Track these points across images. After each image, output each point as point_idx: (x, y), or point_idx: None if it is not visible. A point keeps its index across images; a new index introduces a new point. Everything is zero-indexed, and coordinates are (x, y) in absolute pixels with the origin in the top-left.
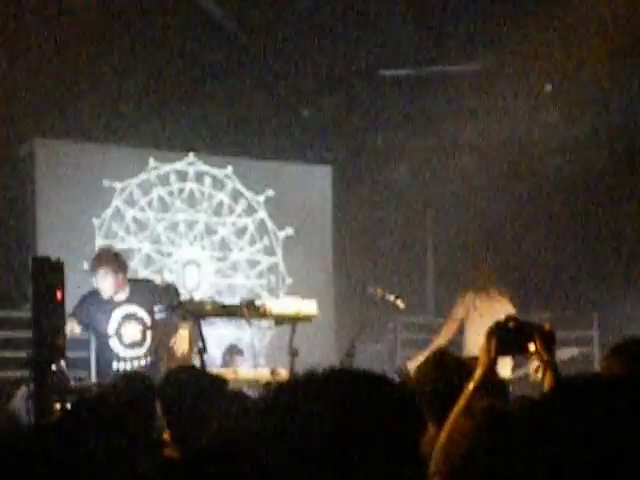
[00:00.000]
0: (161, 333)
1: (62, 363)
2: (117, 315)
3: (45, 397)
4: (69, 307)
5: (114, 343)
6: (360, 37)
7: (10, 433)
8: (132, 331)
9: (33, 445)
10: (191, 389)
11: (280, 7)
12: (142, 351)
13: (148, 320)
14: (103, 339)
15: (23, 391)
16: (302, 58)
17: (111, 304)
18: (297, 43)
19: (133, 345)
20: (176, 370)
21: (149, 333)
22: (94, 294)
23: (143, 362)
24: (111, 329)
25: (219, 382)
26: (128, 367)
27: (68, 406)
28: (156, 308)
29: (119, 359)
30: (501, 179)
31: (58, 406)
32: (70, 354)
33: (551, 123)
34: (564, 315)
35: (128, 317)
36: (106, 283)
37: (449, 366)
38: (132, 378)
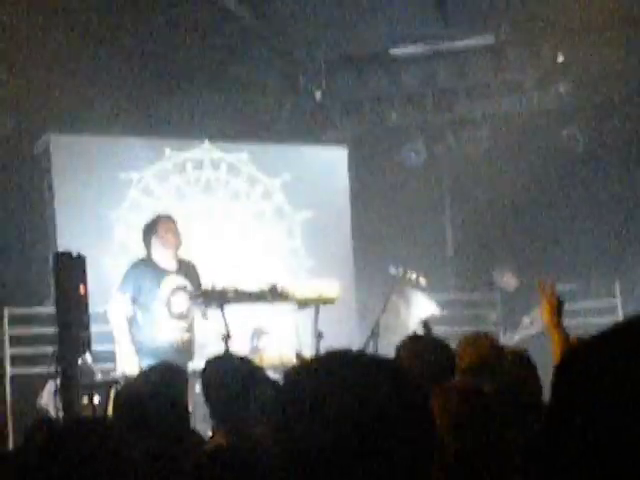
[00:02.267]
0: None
1: (88, 357)
2: (168, 284)
3: (72, 392)
4: (91, 301)
5: (161, 311)
6: (370, 16)
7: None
8: (180, 302)
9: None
10: (233, 376)
11: None
12: (186, 324)
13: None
14: (149, 306)
15: (50, 387)
16: (312, 40)
17: (161, 272)
18: (307, 25)
19: (180, 316)
20: (216, 357)
21: (192, 308)
22: (142, 262)
23: (186, 335)
24: (162, 296)
25: (257, 368)
26: (171, 337)
27: (95, 399)
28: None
29: (163, 329)
30: (517, 151)
31: (86, 400)
32: (97, 347)
33: (564, 94)
34: (587, 285)
35: (178, 288)
36: (169, 237)
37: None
38: (161, 370)
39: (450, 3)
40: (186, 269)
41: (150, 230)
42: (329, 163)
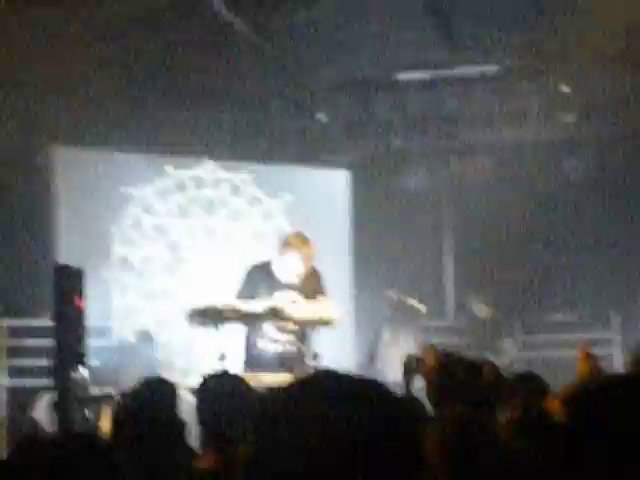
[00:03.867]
0: None
1: (83, 371)
2: (279, 298)
3: (66, 405)
4: (89, 315)
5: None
6: (376, 41)
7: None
8: None
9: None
10: (228, 394)
11: (296, 12)
12: (290, 337)
13: None
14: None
15: (45, 399)
16: (318, 62)
17: (278, 283)
18: (313, 47)
19: (285, 329)
20: (212, 375)
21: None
22: (261, 269)
23: (289, 347)
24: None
25: (251, 389)
26: (272, 349)
27: (87, 415)
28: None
29: (267, 338)
30: (518, 180)
31: (79, 414)
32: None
33: (568, 124)
34: (584, 316)
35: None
36: (295, 267)
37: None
38: (154, 385)
39: (456, 30)
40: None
41: (287, 246)
42: (331, 186)
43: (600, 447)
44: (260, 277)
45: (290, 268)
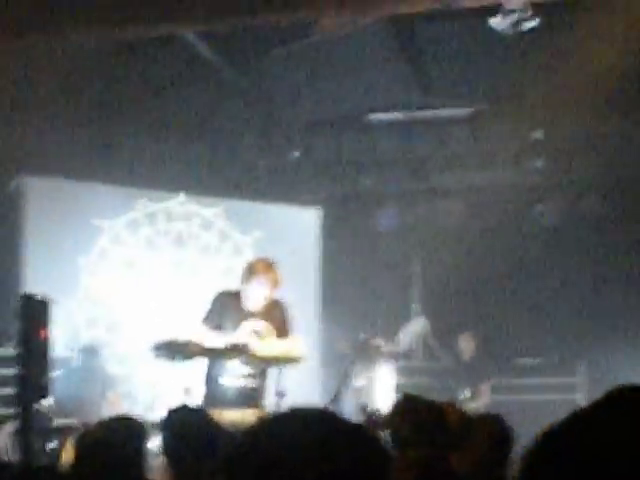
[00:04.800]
0: None
1: (46, 402)
2: (246, 327)
3: (28, 435)
4: (53, 345)
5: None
6: (349, 81)
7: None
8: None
9: None
10: (194, 427)
11: (271, 49)
12: (252, 371)
13: None
14: None
15: (8, 428)
16: (292, 100)
17: (243, 313)
18: (287, 85)
19: (249, 364)
20: (178, 408)
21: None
22: (230, 296)
23: (250, 383)
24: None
25: (216, 423)
26: (234, 384)
27: (49, 445)
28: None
29: (229, 373)
30: (489, 225)
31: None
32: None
33: (539, 169)
34: (548, 361)
35: (255, 333)
36: (260, 293)
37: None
38: (119, 421)
39: (430, 72)
40: (271, 310)
41: (250, 275)
42: (302, 223)
43: None
44: (227, 304)
45: (256, 294)
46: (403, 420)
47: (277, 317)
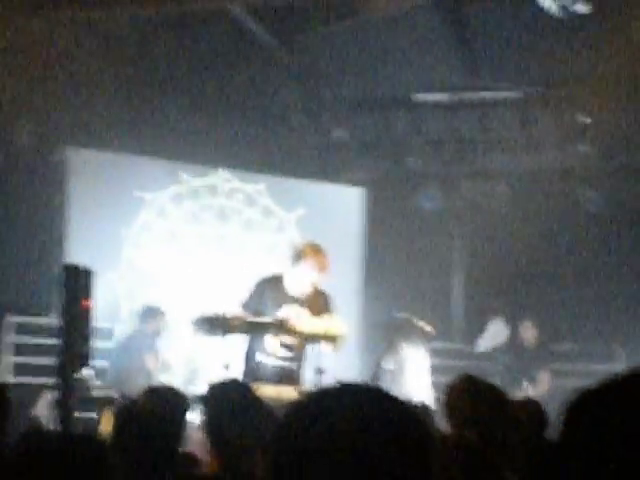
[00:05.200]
0: None
1: (86, 371)
2: (287, 309)
3: (67, 405)
4: (96, 316)
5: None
6: (396, 60)
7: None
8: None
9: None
10: (234, 402)
11: (319, 27)
12: (290, 354)
13: None
14: None
15: (46, 398)
16: (339, 79)
17: (286, 297)
18: (335, 64)
19: (287, 346)
20: (219, 383)
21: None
22: (271, 282)
23: (289, 363)
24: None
25: (257, 398)
26: (274, 362)
27: (88, 415)
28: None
29: (268, 352)
30: (532, 209)
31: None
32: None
33: (586, 155)
34: (588, 347)
35: (297, 314)
36: (307, 277)
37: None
38: (161, 392)
39: (478, 54)
40: (313, 297)
41: (299, 259)
42: (345, 203)
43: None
44: (268, 291)
45: (305, 278)
46: (463, 400)
47: (320, 306)
